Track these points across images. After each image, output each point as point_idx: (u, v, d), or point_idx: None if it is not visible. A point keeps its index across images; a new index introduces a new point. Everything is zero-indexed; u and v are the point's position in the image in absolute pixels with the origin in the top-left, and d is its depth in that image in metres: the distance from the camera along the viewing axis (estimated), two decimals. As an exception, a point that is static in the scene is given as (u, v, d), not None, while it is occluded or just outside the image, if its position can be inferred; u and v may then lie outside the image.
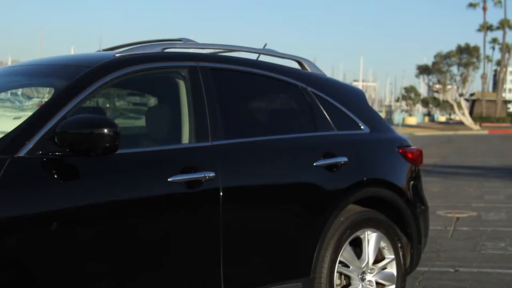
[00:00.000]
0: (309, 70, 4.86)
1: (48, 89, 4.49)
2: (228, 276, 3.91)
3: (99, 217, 3.47)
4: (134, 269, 3.59)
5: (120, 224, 3.54)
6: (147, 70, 3.98)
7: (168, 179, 3.68)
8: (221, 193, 3.85)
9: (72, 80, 3.68)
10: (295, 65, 4.91)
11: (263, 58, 4.74)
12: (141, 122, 4.53)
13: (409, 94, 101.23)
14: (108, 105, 4.60)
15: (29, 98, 5.11)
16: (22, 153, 3.32)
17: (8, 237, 3.17)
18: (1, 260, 3.15)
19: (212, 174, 3.82)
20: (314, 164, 4.32)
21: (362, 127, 4.78)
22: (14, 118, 4.06)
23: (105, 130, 3.35)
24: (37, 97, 5.10)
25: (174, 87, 4.07)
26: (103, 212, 3.48)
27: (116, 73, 3.79)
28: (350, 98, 4.86)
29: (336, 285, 4.40)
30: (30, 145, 3.35)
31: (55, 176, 3.35)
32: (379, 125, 4.95)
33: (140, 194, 3.62)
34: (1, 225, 3.13)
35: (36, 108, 3.79)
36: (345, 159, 4.45)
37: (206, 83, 4.06)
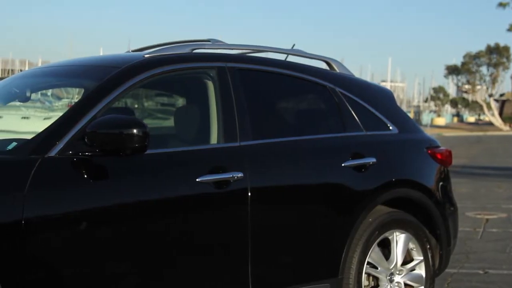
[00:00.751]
0: (338, 71, 4.85)
1: (78, 89, 4.53)
2: (256, 276, 3.91)
3: (128, 217, 3.49)
4: (162, 269, 3.61)
5: (149, 224, 3.56)
6: (176, 71, 4.00)
7: (197, 179, 3.69)
8: (249, 194, 3.85)
9: (102, 80, 3.71)
10: (323, 66, 4.90)
11: (291, 58, 4.74)
12: (169, 122, 4.56)
13: (438, 94, 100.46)
14: (136, 106, 4.63)
15: (59, 98, 5.16)
16: (52, 153, 3.36)
17: (38, 236, 3.20)
18: (31, 259, 3.18)
19: (240, 175, 3.82)
20: (343, 164, 4.30)
21: (390, 127, 4.76)
22: (44, 119, 4.10)
23: (134, 131, 3.37)
24: (67, 98, 5.15)
25: (203, 87, 4.08)
26: (132, 212, 3.50)
27: (145, 74, 3.81)
28: (379, 99, 4.84)
29: (364, 286, 4.39)
30: (60, 145, 3.38)
31: (85, 176, 3.38)
32: (408, 125, 4.92)
33: (168, 194, 3.63)
34: (32, 224, 3.17)
35: (66, 109, 3.82)
36: (374, 159, 4.43)
37: (234, 84, 4.07)
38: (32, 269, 3.18)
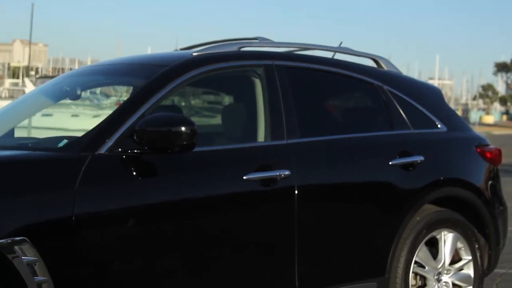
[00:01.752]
0: (385, 68, 4.82)
1: (126, 87, 4.59)
2: (303, 274, 3.91)
3: (175, 214, 3.52)
4: (208, 266, 3.63)
5: (196, 222, 3.59)
6: (223, 69, 4.02)
7: (244, 177, 3.70)
8: (296, 192, 3.85)
9: (151, 78, 3.75)
10: (371, 63, 4.87)
11: (339, 56, 4.73)
12: (216, 120, 4.58)
13: (487, 92, 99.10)
14: (183, 104, 4.67)
15: (108, 96, 5.23)
16: (102, 150, 3.40)
17: (87, 232, 3.25)
18: (81, 254, 3.23)
19: (287, 173, 3.83)
20: (390, 163, 4.28)
21: (439, 125, 4.71)
22: (94, 117, 4.16)
23: (183, 128, 3.40)
24: (115, 96, 5.22)
25: (250, 85, 4.10)
26: (179, 209, 3.54)
27: (193, 72, 3.84)
28: (427, 97, 4.80)
29: (412, 285, 4.35)
30: (110, 143, 3.43)
31: (134, 173, 3.42)
32: (457, 123, 4.87)
33: (215, 192, 3.66)
34: (82, 220, 3.22)
35: (115, 107, 3.87)
36: (422, 158, 4.40)
37: (281, 82, 4.07)
38: (81, 265, 3.24)
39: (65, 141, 3.56)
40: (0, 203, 3.06)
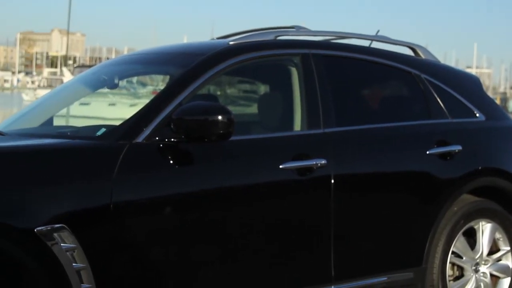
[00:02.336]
0: (423, 57, 4.78)
1: (163, 76, 4.62)
2: (338, 264, 3.90)
3: (212, 202, 3.53)
4: (244, 255, 3.65)
5: (232, 210, 3.60)
6: (260, 58, 4.02)
7: (280, 166, 3.70)
8: (332, 181, 3.84)
9: (188, 67, 3.76)
10: (408, 52, 4.83)
11: (375, 44, 4.70)
12: (251, 109, 4.59)
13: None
14: (219, 93, 4.69)
15: (144, 85, 5.27)
16: (139, 139, 3.42)
17: (125, 220, 3.28)
18: (118, 242, 3.26)
19: (323, 162, 3.82)
20: (427, 152, 4.24)
21: (477, 114, 4.66)
22: (130, 106, 4.19)
23: (219, 117, 3.41)
24: (152, 85, 5.26)
25: (287, 74, 4.09)
26: (215, 198, 3.55)
27: (230, 61, 3.84)
28: (465, 85, 4.75)
29: (449, 275, 4.33)
30: (147, 131, 3.45)
31: (171, 161, 3.44)
32: (495, 112, 4.81)
33: (252, 181, 3.66)
34: (119, 208, 3.25)
35: (151, 96, 3.89)
36: (459, 147, 4.35)
37: (318, 70, 4.06)
38: (119, 252, 3.27)
39: (103, 129, 3.59)
40: (40, 191, 3.10)
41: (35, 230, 3.00)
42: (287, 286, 3.78)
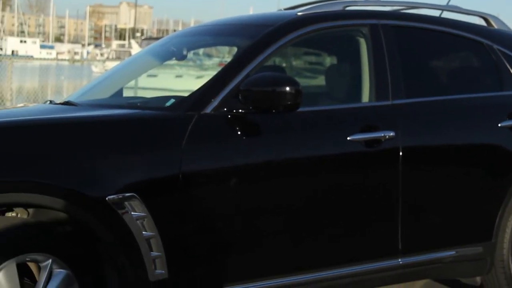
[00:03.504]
0: (496, 27, 4.66)
1: (228, 48, 4.63)
2: (406, 237, 3.87)
3: (279, 174, 3.54)
4: (310, 227, 3.64)
5: (299, 182, 3.60)
6: (328, 29, 3.99)
7: (348, 138, 3.68)
8: (400, 153, 3.80)
9: (256, 39, 3.76)
10: (481, 22, 4.73)
11: (446, 14, 4.61)
12: (317, 81, 4.56)
13: None
14: (284, 64, 4.68)
15: (210, 57, 5.30)
16: (208, 110, 3.45)
17: (194, 189, 3.31)
18: (187, 211, 3.30)
19: (392, 134, 3.78)
20: (499, 125, 4.15)
21: (551, 87, 4.52)
22: (197, 77, 4.22)
23: (287, 88, 3.40)
24: (217, 57, 5.28)
25: (355, 45, 4.05)
26: (283, 169, 3.55)
27: (298, 32, 3.82)
28: (540, 57, 4.61)
29: (519, 250, 4.25)
30: (215, 102, 3.47)
31: (238, 132, 3.45)
32: None
33: (319, 152, 3.66)
34: (188, 178, 3.28)
35: (218, 68, 3.91)
36: (533, 120, 4.25)
37: (387, 41, 4.00)
38: (187, 221, 3.31)
39: (172, 100, 3.63)
40: (112, 160, 3.15)
41: (107, 199, 3.06)
42: (354, 259, 3.77)
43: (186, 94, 3.60)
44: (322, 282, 3.68)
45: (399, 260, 3.86)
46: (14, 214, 3.21)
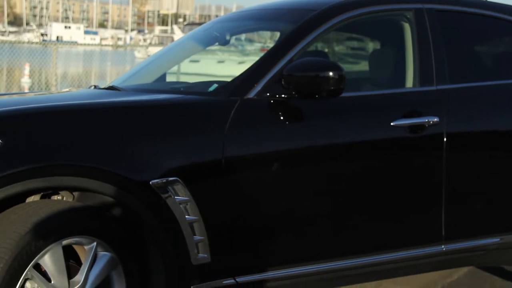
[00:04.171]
0: (543, 11, 4.56)
1: (270, 33, 4.62)
2: (449, 224, 3.84)
3: (322, 159, 3.53)
4: (353, 213, 3.64)
5: (342, 167, 3.59)
6: (372, 13, 3.95)
7: (391, 123, 3.66)
8: (445, 139, 3.77)
9: (299, 23, 3.74)
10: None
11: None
12: (359, 67, 4.53)
13: None
14: (326, 50, 4.65)
15: (252, 43, 5.29)
16: (251, 95, 3.45)
17: (235, 174, 3.32)
18: (230, 195, 3.32)
19: (436, 119, 3.74)
20: (546, 111, 4.08)
21: None
22: (239, 63, 4.21)
23: (331, 73, 3.38)
24: (259, 42, 5.27)
25: (399, 30, 4.01)
26: (326, 154, 3.54)
27: (342, 16, 3.80)
28: None
29: None
30: (258, 87, 3.47)
31: (281, 117, 3.44)
32: None
33: (363, 138, 3.64)
34: (231, 162, 3.29)
35: (260, 53, 3.90)
36: None
37: (432, 26, 3.96)
38: (229, 206, 3.32)
39: (215, 85, 3.64)
40: (156, 144, 3.17)
41: (150, 183, 3.09)
42: (397, 245, 3.75)
43: (228, 79, 3.61)
44: (365, 268, 3.67)
45: (442, 246, 3.83)
46: (59, 198, 3.25)
